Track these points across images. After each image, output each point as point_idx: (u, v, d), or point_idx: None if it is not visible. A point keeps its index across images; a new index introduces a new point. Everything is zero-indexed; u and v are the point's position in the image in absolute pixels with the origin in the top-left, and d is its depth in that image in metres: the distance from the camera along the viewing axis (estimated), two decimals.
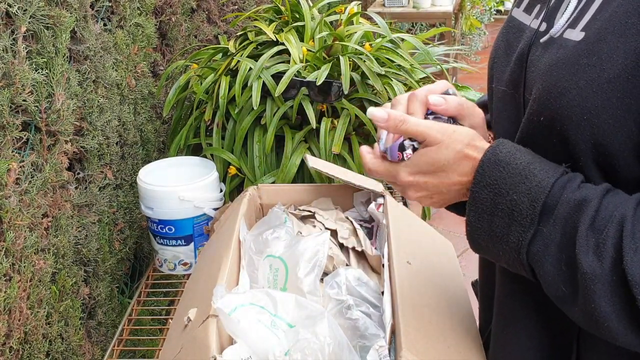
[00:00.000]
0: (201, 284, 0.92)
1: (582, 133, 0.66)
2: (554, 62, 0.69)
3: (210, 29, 1.96)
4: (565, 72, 0.67)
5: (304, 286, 0.87)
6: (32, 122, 1.17)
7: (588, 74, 0.65)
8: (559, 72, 0.68)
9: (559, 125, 0.67)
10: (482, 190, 0.67)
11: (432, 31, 2.02)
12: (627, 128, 0.63)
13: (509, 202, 0.66)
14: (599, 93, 0.64)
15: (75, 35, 1.28)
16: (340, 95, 1.42)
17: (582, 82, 0.65)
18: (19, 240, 1.10)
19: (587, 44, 0.66)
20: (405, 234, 0.99)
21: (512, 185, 0.66)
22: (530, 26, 0.78)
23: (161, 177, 1.38)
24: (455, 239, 3.11)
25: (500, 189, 0.66)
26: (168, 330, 0.94)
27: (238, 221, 0.99)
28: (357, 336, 0.80)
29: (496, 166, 0.67)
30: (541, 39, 0.73)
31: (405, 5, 3.82)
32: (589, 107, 0.65)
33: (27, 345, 1.15)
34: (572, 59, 0.67)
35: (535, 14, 0.78)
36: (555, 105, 0.67)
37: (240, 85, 1.41)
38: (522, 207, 0.65)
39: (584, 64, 0.65)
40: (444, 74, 1.72)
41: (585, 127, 0.65)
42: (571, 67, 0.67)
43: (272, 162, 1.43)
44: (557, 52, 0.69)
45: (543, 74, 0.70)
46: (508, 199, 0.66)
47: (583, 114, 0.65)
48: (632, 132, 0.63)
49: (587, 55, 0.65)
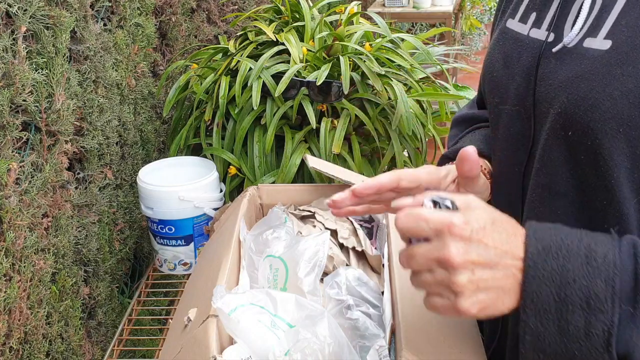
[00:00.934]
0: (201, 284, 0.92)
1: (617, 146, 0.63)
2: (580, 74, 0.66)
3: (210, 29, 1.96)
4: (596, 83, 0.64)
5: (304, 286, 0.87)
6: (32, 122, 1.17)
7: (623, 84, 0.62)
8: (588, 84, 0.65)
9: (591, 139, 0.64)
10: (541, 286, 0.56)
11: (432, 31, 2.02)
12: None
13: (579, 291, 0.56)
14: (636, 104, 0.61)
15: (75, 35, 1.28)
16: (340, 95, 1.42)
17: (617, 92, 0.62)
18: (19, 240, 1.10)
19: (619, 52, 0.63)
20: None
21: (576, 270, 0.56)
22: (530, 36, 0.75)
23: (161, 177, 1.38)
24: None
25: (564, 279, 0.56)
26: (168, 330, 0.94)
27: (238, 221, 0.99)
28: (357, 336, 0.80)
29: (548, 254, 0.57)
30: (553, 49, 0.70)
31: (405, 5, 3.82)
32: (625, 119, 0.62)
33: (27, 345, 1.15)
34: (603, 69, 0.64)
35: (533, 22, 0.76)
36: (586, 119, 0.64)
37: (240, 85, 1.41)
38: (597, 291, 0.55)
39: (617, 74, 0.63)
40: (444, 74, 1.72)
41: (621, 140, 0.62)
42: (602, 78, 0.64)
43: (272, 162, 1.43)
44: (581, 62, 0.66)
45: (567, 86, 0.67)
46: (577, 287, 0.56)
47: (619, 126, 0.62)
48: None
49: (621, 64, 0.63)
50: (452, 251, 0.57)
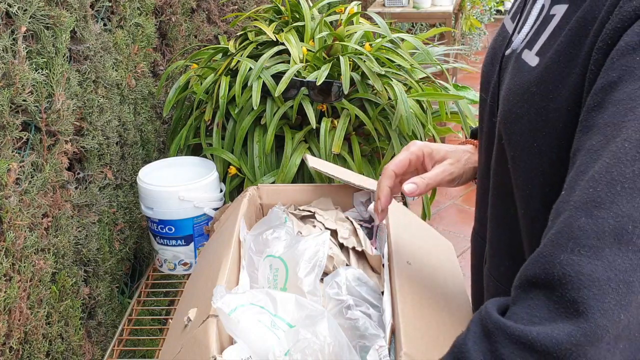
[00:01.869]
0: (201, 284, 0.92)
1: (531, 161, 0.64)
2: (512, 87, 0.68)
3: (210, 29, 1.96)
4: (519, 98, 0.66)
5: (304, 286, 0.87)
6: (32, 122, 1.17)
7: (537, 102, 0.64)
8: (514, 98, 0.67)
9: (513, 151, 0.67)
10: None
11: (432, 31, 2.02)
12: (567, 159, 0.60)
13: None
14: (547, 122, 0.62)
15: (75, 35, 1.28)
16: (340, 95, 1.42)
17: (533, 109, 0.64)
18: (19, 240, 1.10)
19: (538, 71, 0.65)
20: (406, 234, 0.99)
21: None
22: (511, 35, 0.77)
23: (161, 177, 1.38)
24: (455, 239, 3.11)
25: None
26: (168, 330, 0.94)
27: (238, 221, 0.99)
28: (357, 336, 0.80)
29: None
30: (506, 50, 0.73)
31: (405, 5, 3.82)
32: (539, 135, 0.63)
33: (27, 345, 1.15)
34: (525, 86, 0.66)
35: (516, 22, 0.78)
36: (510, 131, 0.67)
37: (240, 85, 1.41)
38: None
39: (534, 91, 0.64)
40: (444, 74, 1.72)
41: (535, 155, 0.64)
42: (524, 94, 0.66)
43: (272, 162, 1.43)
44: (516, 75, 0.69)
45: (504, 97, 0.70)
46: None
47: (533, 141, 0.64)
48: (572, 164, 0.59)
49: (537, 83, 0.64)
50: None
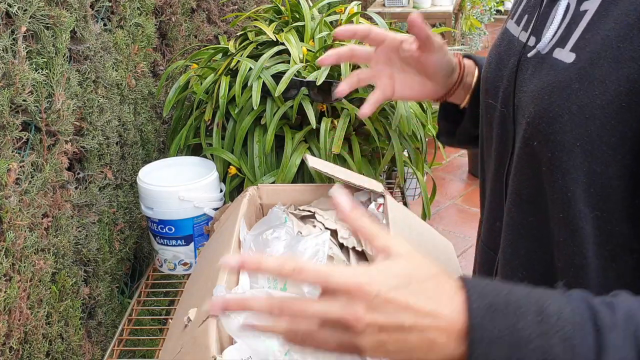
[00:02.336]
0: (201, 284, 0.92)
1: (574, 160, 0.63)
2: (546, 85, 0.66)
3: (210, 29, 1.96)
4: (557, 96, 0.64)
5: (304, 286, 0.87)
6: (32, 122, 1.17)
7: (580, 99, 0.62)
8: (550, 97, 0.65)
9: (551, 151, 0.65)
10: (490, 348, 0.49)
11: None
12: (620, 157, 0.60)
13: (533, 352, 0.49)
14: (592, 119, 0.61)
15: (75, 35, 1.28)
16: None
17: (575, 107, 0.62)
18: (19, 240, 1.10)
19: (579, 67, 0.63)
20: (406, 234, 0.99)
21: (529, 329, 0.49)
22: (518, 39, 0.76)
23: (161, 177, 1.38)
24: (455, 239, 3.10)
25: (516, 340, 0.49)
26: (168, 330, 0.94)
27: (238, 221, 0.99)
28: None
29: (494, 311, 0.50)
30: (529, 53, 0.71)
31: (405, 5, 3.82)
32: (582, 134, 0.62)
33: (27, 345, 1.15)
34: (564, 83, 0.64)
35: (524, 25, 0.76)
36: (548, 131, 0.65)
37: (240, 85, 1.41)
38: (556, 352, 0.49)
39: (576, 88, 0.63)
40: None
41: (577, 155, 0.62)
42: (563, 92, 0.64)
43: (272, 162, 1.43)
44: (548, 74, 0.67)
45: (535, 97, 0.67)
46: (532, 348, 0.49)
47: (576, 140, 0.62)
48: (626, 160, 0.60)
49: (579, 79, 0.62)
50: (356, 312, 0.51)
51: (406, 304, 0.51)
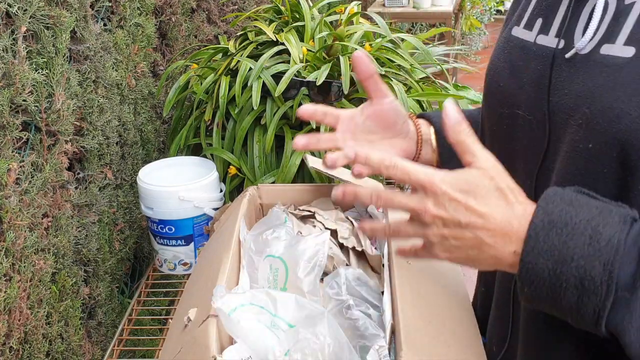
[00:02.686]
0: (201, 284, 0.92)
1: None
2: (601, 84, 0.63)
3: (210, 29, 1.96)
4: (621, 92, 0.61)
5: (304, 286, 0.87)
6: (32, 122, 1.17)
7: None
8: (612, 94, 0.62)
9: (616, 151, 0.62)
10: (538, 258, 0.58)
11: (432, 31, 2.02)
12: None
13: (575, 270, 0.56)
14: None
15: (75, 35, 1.28)
16: (340, 95, 1.42)
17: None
18: (19, 240, 1.10)
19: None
20: None
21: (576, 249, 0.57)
22: (537, 43, 0.73)
23: (161, 177, 1.38)
24: None
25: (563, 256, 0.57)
26: (168, 330, 0.94)
27: (238, 221, 0.99)
28: (357, 336, 0.80)
29: (552, 228, 0.58)
30: (565, 55, 0.68)
31: (405, 5, 3.83)
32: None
33: (27, 345, 1.15)
34: (627, 78, 0.61)
35: (539, 29, 0.74)
36: (611, 130, 0.62)
37: (240, 85, 1.41)
38: (594, 273, 0.56)
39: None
40: (444, 74, 1.72)
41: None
42: (627, 87, 0.61)
43: (272, 162, 1.43)
44: (601, 71, 0.64)
45: (588, 97, 0.64)
46: (574, 266, 0.56)
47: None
48: None
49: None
50: (426, 207, 0.63)
51: (465, 204, 0.62)
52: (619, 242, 0.56)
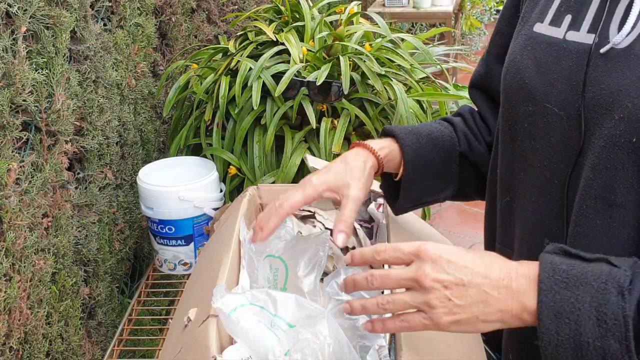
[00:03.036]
0: (201, 284, 0.92)
1: None
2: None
3: (210, 29, 1.96)
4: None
5: (304, 286, 0.87)
6: (32, 122, 1.17)
7: None
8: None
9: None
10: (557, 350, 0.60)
11: (432, 31, 2.02)
12: None
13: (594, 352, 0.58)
14: None
15: (75, 35, 1.28)
16: (340, 95, 1.42)
17: None
18: (19, 240, 1.10)
19: None
20: (406, 234, 0.99)
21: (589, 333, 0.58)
22: (567, 39, 0.73)
23: (161, 177, 1.38)
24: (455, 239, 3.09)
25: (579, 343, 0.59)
26: (168, 330, 0.94)
27: (238, 221, 0.99)
28: (357, 336, 0.80)
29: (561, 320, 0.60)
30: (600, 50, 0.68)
31: (405, 5, 3.82)
32: None
33: (27, 345, 1.15)
34: None
35: (569, 25, 0.73)
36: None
37: (240, 85, 1.41)
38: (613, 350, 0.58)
39: None
40: (444, 74, 1.72)
41: None
42: None
43: (272, 162, 1.43)
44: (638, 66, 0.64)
45: (629, 91, 0.64)
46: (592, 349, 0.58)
47: None
48: None
49: None
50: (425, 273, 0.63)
51: (464, 265, 0.63)
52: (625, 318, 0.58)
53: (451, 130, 0.96)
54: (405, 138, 0.92)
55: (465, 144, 0.95)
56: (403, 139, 0.92)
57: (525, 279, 0.63)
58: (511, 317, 0.62)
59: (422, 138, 0.93)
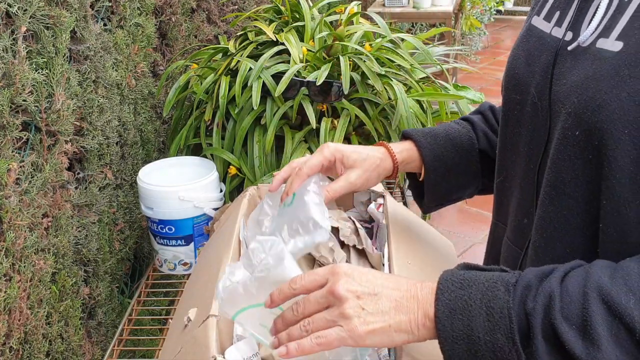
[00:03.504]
0: (201, 284, 0.92)
1: (622, 148, 0.63)
2: (590, 75, 0.66)
3: (210, 29, 1.96)
4: (604, 84, 0.65)
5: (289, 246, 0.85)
6: (32, 122, 1.17)
7: (630, 85, 0.62)
8: (597, 85, 0.65)
9: (597, 139, 0.65)
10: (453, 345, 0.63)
11: (432, 31, 2.02)
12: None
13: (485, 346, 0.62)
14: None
15: (75, 35, 1.28)
16: (340, 95, 1.42)
17: (624, 94, 0.63)
18: (19, 240, 1.10)
19: (629, 54, 0.63)
20: (406, 234, 0.99)
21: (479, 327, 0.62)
22: (551, 34, 0.76)
23: (161, 177, 1.38)
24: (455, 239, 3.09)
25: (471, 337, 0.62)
26: (168, 330, 0.94)
27: (238, 221, 0.99)
28: None
29: (454, 315, 0.64)
30: (568, 47, 0.71)
31: (405, 5, 3.82)
32: (631, 121, 0.62)
33: (27, 345, 1.15)
34: (612, 71, 0.64)
35: (556, 21, 0.76)
36: (593, 119, 0.65)
37: (240, 85, 1.41)
38: (500, 344, 0.61)
39: (625, 75, 0.63)
40: (444, 74, 1.72)
41: (625, 142, 0.63)
42: (611, 79, 0.64)
43: (272, 162, 1.43)
44: (593, 64, 0.67)
45: (578, 87, 0.68)
46: (483, 343, 0.62)
47: (624, 127, 0.63)
48: None
49: (629, 66, 0.63)
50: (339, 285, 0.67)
51: (375, 278, 0.68)
52: (509, 310, 0.61)
53: (469, 129, 1.00)
54: (422, 140, 0.96)
55: (484, 141, 0.99)
56: (420, 141, 0.96)
57: (429, 289, 0.67)
58: (417, 326, 0.65)
59: (439, 139, 0.97)
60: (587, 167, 0.67)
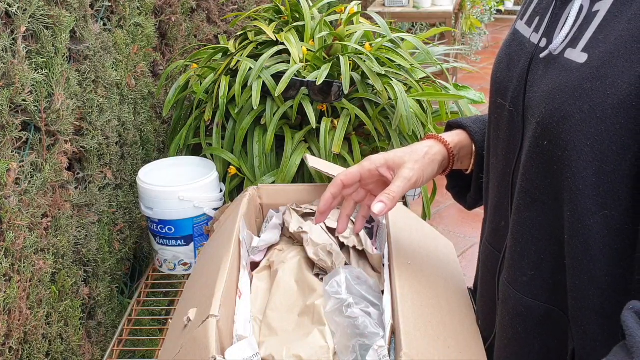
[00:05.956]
0: (201, 284, 0.92)
1: (584, 159, 0.63)
2: (557, 85, 0.67)
3: (210, 28, 1.96)
4: (568, 96, 0.65)
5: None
6: (32, 122, 1.17)
7: (592, 98, 0.62)
8: (562, 96, 0.65)
9: (561, 151, 0.65)
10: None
11: (432, 31, 2.01)
12: (631, 155, 0.61)
13: None
14: (603, 119, 0.61)
15: (75, 35, 1.28)
16: (340, 95, 1.42)
17: (586, 106, 0.63)
18: (19, 240, 1.10)
19: (591, 67, 0.64)
20: (406, 234, 0.99)
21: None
22: (530, 40, 0.76)
23: (161, 177, 1.38)
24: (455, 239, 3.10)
25: None
26: (168, 330, 0.94)
27: (238, 221, 0.99)
28: (357, 334, 0.80)
29: None
30: (541, 54, 0.72)
31: (406, 5, 3.82)
32: (593, 133, 0.62)
33: (26, 345, 1.15)
34: (575, 83, 0.64)
35: (535, 26, 0.76)
36: (558, 130, 0.65)
37: (240, 85, 1.41)
38: None
39: (587, 88, 0.63)
40: (444, 74, 1.72)
41: (587, 154, 0.63)
42: (574, 91, 0.64)
43: (272, 162, 1.43)
44: (560, 74, 0.67)
45: (546, 97, 0.68)
46: None
47: (586, 139, 0.63)
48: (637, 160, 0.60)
49: (591, 79, 0.63)
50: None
51: None
52: None
53: None
54: (472, 125, 0.95)
55: None
56: (470, 126, 0.95)
57: None
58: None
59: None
60: (553, 177, 0.68)
